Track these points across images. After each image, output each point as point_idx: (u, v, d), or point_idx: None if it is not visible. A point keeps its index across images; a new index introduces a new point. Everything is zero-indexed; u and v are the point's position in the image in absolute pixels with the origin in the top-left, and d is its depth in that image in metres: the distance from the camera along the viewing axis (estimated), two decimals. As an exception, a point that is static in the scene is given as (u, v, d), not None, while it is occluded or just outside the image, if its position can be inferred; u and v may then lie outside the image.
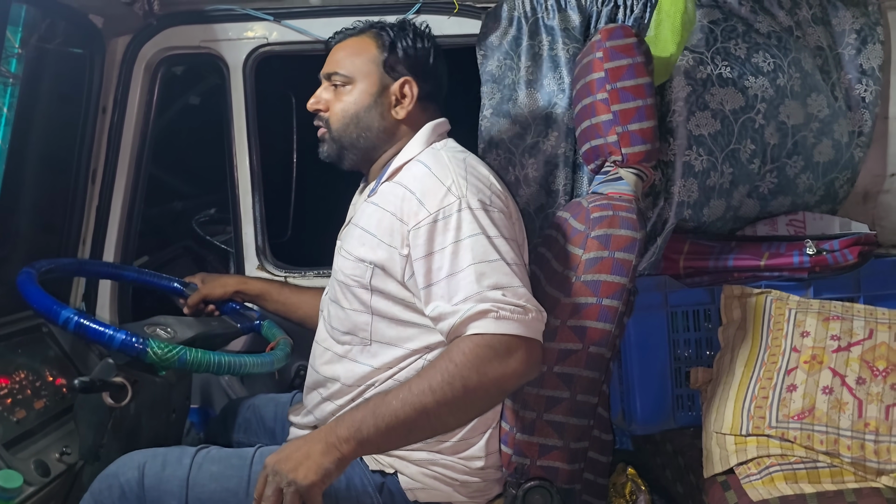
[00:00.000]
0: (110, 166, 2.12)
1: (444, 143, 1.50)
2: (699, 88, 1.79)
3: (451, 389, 1.22)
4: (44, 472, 1.53)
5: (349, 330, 1.45)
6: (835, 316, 1.67)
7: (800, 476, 1.53)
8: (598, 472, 1.58)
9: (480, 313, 1.25)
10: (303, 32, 2.07)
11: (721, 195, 1.85)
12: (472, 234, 1.31)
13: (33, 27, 1.94)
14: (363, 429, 1.23)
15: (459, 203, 1.33)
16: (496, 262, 1.29)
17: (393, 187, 1.41)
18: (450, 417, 1.28)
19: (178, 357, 1.46)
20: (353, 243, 1.44)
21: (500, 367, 1.24)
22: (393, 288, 1.39)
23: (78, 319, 1.42)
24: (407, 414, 1.23)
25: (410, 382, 1.26)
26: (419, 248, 1.33)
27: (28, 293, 1.49)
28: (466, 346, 1.24)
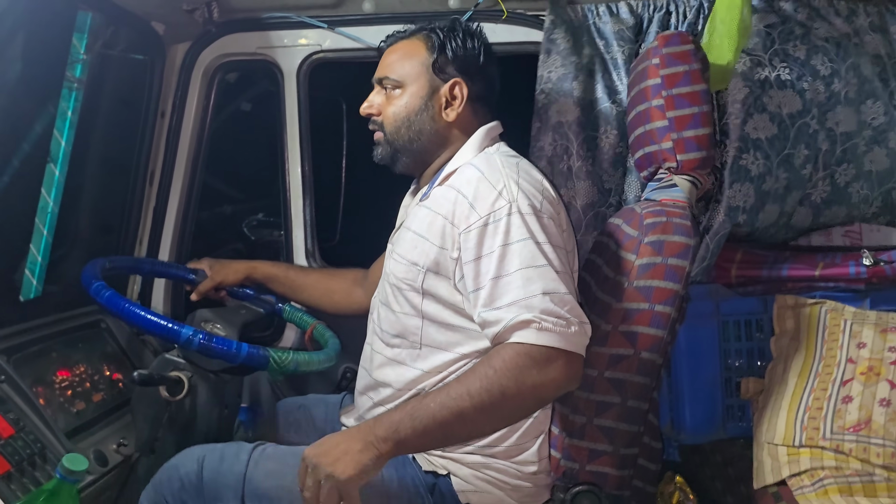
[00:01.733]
0: (167, 169, 2.18)
1: (496, 148, 1.51)
2: (757, 90, 1.77)
3: (489, 395, 1.24)
4: (102, 461, 1.58)
5: (399, 333, 1.46)
6: (893, 327, 1.64)
7: (855, 489, 1.50)
8: (648, 480, 1.57)
9: (523, 323, 1.26)
10: (355, 39, 2.10)
11: (776, 200, 1.82)
12: (520, 238, 1.31)
13: (98, 34, 2.01)
14: (401, 430, 1.25)
15: (510, 207, 1.33)
16: (543, 268, 1.30)
17: (445, 191, 1.42)
18: (486, 423, 1.30)
19: (293, 362, 1.53)
20: (406, 247, 1.45)
21: (538, 376, 1.24)
22: (444, 291, 1.40)
23: (201, 338, 1.47)
24: (444, 417, 1.24)
25: (449, 386, 1.27)
26: (469, 251, 1.34)
27: (142, 321, 1.50)
28: (507, 353, 1.25)
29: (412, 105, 1.50)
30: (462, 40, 1.51)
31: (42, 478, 1.43)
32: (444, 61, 1.50)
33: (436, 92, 1.50)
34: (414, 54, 1.52)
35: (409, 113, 1.50)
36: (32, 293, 1.95)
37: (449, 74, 1.50)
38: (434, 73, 1.50)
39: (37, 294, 1.95)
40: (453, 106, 1.50)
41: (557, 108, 1.91)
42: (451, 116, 1.50)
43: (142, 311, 1.50)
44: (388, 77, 1.53)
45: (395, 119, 1.51)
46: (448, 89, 1.50)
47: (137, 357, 1.95)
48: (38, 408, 1.55)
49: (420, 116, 1.50)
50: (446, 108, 1.50)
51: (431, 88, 1.50)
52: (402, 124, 1.51)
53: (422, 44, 1.52)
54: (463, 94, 1.50)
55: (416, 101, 1.50)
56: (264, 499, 1.38)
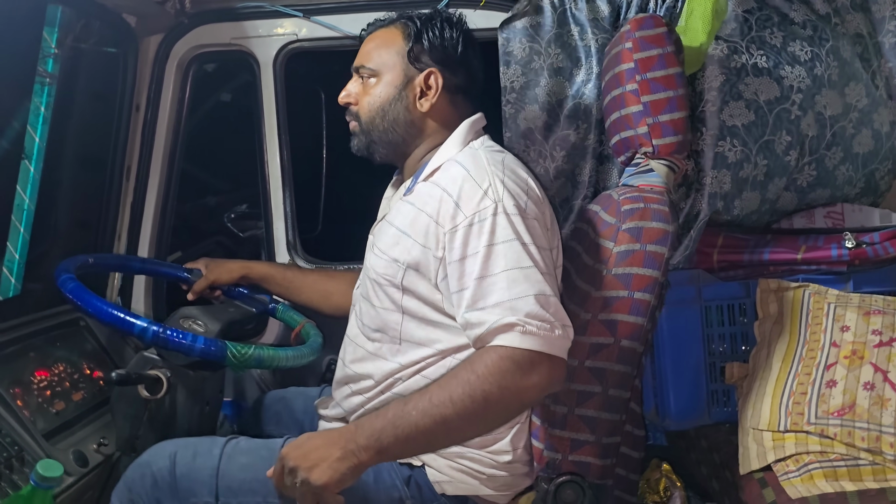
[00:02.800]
0: (144, 163, 2.15)
1: (481, 142, 1.48)
2: (733, 78, 1.75)
3: (472, 401, 1.23)
4: (82, 462, 1.57)
5: (379, 328, 1.45)
6: (876, 310, 1.63)
7: (840, 474, 1.49)
8: (631, 468, 1.57)
9: (507, 326, 1.25)
10: (332, 28, 2.07)
11: (755, 187, 1.80)
12: (506, 239, 1.30)
13: (69, 27, 1.98)
14: (382, 439, 1.24)
15: (496, 207, 1.32)
16: (529, 269, 1.29)
17: (430, 188, 1.40)
18: (469, 429, 1.30)
19: (254, 357, 1.50)
20: (388, 242, 1.44)
21: (521, 380, 1.24)
22: (424, 289, 1.39)
23: (156, 330, 1.44)
24: (427, 425, 1.24)
25: (431, 392, 1.26)
26: (454, 251, 1.33)
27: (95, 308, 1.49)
28: (490, 357, 1.24)
29: (386, 94, 1.48)
30: (440, 29, 1.49)
31: (20, 481, 1.42)
32: (420, 50, 1.48)
33: (410, 81, 1.48)
34: (391, 43, 1.50)
35: (383, 102, 1.49)
36: (11, 292, 1.93)
37: (425, 64, 1.48)
38: (409, 63, 1.48)
39: (15, 293, 1.94)
40: (428, 96, 1.48)
41: (524, 115, 1.88)
42: (424, 107, 1.48)
43: (100, 302, 1.49)
44: (364, 66, 1.51)
45: (370, 109, 1.50)
46: (423, 79, 1.48)
47: (118, 355, 1.94)
48: (15, 409, 1.54)
49: (394, 106, 1.48)
50: (420, 99, 1.48)
51: (406, 78, 1.48)
52: (377, 114, 1.49)
53: (399, 32, 1.50)
54: (438, 85, 1.48)
55: (391, 90, 1.48)
56: (239, 493, 1.38)
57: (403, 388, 1.42)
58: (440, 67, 1.48)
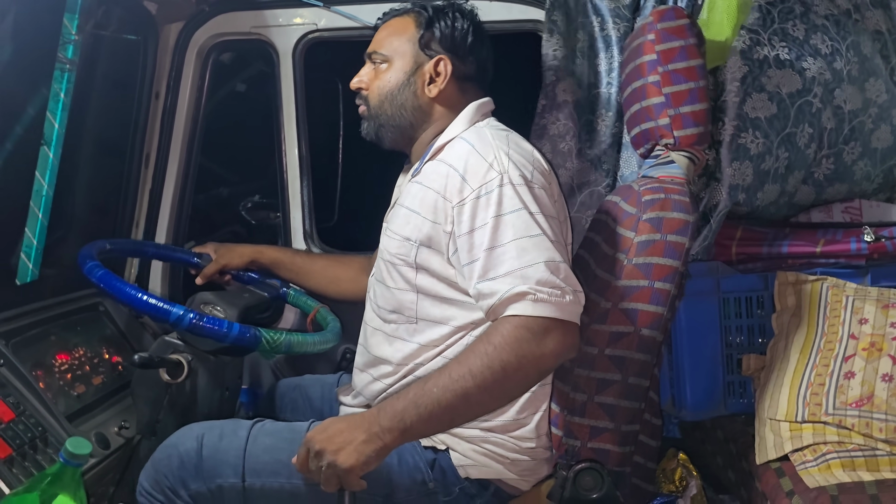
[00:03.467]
0: (163, 150, 2.16)
1: (487, 122, 1.51)
2: (756, 70, 1.75)
3: (491, 372, 1.24)
4: (104, 444, 1.58)
5: (395, 308, 1.47)
6: (894, 303, 1.63)
7: (857, 464, 1.50)
8: (648, 456, 1.57)
9: (518, 295, 1.26)
10: (351, 18, 2.08)
11: (776, 180, 1.81)
12: (513, 209, 1.32)
13: (89, 14, 1.97)
14: (406, 418, 1.25)
15: (501, 178, 1.33)
16: (538, 238, 1.30)
17: (436, 165, 1.43)
18: (490, 400, 1.31)
19: (285, 342, 1.52)
20: (399, 222, 1.46)
21: (537, 348, 1.25)
22: (437, 265, 1.41)
23: (192, 317, 1.46)
24: (448, 401, 1.25)
25: (450, 368, 1.27)
26: (462, 224, 1.34)
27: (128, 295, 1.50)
28: (504, 328, 1.26)
29: (396, 80, 1.51)
30: (451, 19, 1.52)
31: (44, 461, 1.43)
32: (430, 38, 1.51)
33: (420, 68, 1.51)
34: (403, 30, 1.53)
35: (392, 87, 1.51)
36: (29, 277, 1.93)
37: (434, 51, 1.51)
38: (420, 49, 1.51)
39: (33, 278, 1.93)
40: (436, 83, 1.51)
41: (563, 86, 1.90)
42: (433, 92, 1.51)
43: (134, 290, 1.50)
44: (376, 52, 1.54)
45: (380, 93, 1.52)
46: (432, 66, 1.50)
47: (137, 340, 1.94)
48: (39, 391, 1.54)
49: (403, 91, 1.51)
50: (429, 84, 1.51)
51: (416, 64, 1.51)
52: (386, 98, 1.52)
53: (412, 20, 1.54)
54: (447, 72, 1.50)
55: (400, 75, 1.51)
56: (263, 474, 1.38)
57: (424, 371, 1.43)
58: (450, 55, 1.51)
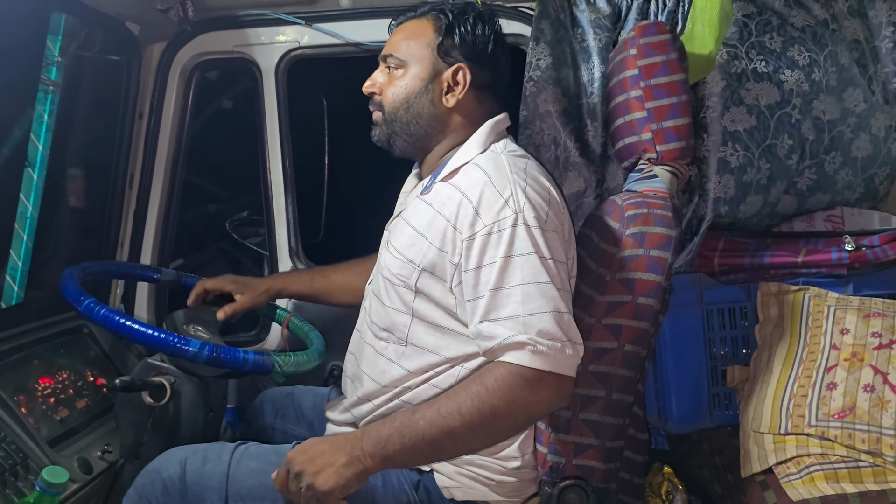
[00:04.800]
0: (147, 170, 2.16)
1: (503, 145, 1.45)
2: (734, 83, 1.77)
3: (480, 414, 1.24)
4: (86, 469, 1.57)
5: (387, 327, 1.44)
6: (875, 313, 1.64)
7: (841, 476, 1.51)
8: (634, 472, 1.57)
9: (518, 344, 1.25)
10: (334, 35, 2.09)
11: (758, 191, 1.82)
12: (524, 252, 1.29)
13: (72, 36, 1.99)
14: (389, 446, 1.25)
15: (516, 218, 1.30)
16: (545, 285, 1.28)
17: (449, 190, 1.38)
18: (475, 441, 1.30)
19: (293, 362, 1.59)
20: (403, 242, 1.41)
21: (529, 396, 1.25)
22: (438, 293, 1.38)
23: (211, 350, 1.48)
24: (434, 435, 1.25)
25: (439, 403, 1.27)
26: (471, 259, 1.31)
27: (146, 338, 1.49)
28: (500, 371, 1.25)
29: (412, 87, 1.45)
30: (472, 25, 1.46)
31: (25, 488, 1.43)
32: (451, 45, 1.45)
33: (438, 76, 1.45)
34: (420, 35, 1.47)
35: (408, 94, 1.45)
36: (14, 299, 1.93)
37: (454, 59, 1.45)
38: (438, 56, 1.45)
39: (18, 300, 1.93)
40: (454, 92, 1.45)
41: (545, 97, 1.90)
42: (451, 102, 1.45)
43: (145, 327, 1.49)
44: (392, 55, 1.48)
45: (395, 100, 1.46)
46: (451, 74, 1.44)
47: (121, 362, 1.94)
48: (20, 417, 1.54)
49: (419, 99, 1.45)
50: (447, 94, 1.45)
51: (434, 71, 1.45)
52: (401, 106, 1.46)
53: (430, 25, 1.47)
54: (466, 81, 1.44)
55: (417, 83, 1.45)
56: (248, 498, 1.37)
57: (412, 396, 1.41)
58: (469, 63, 1.45)
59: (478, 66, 1.46)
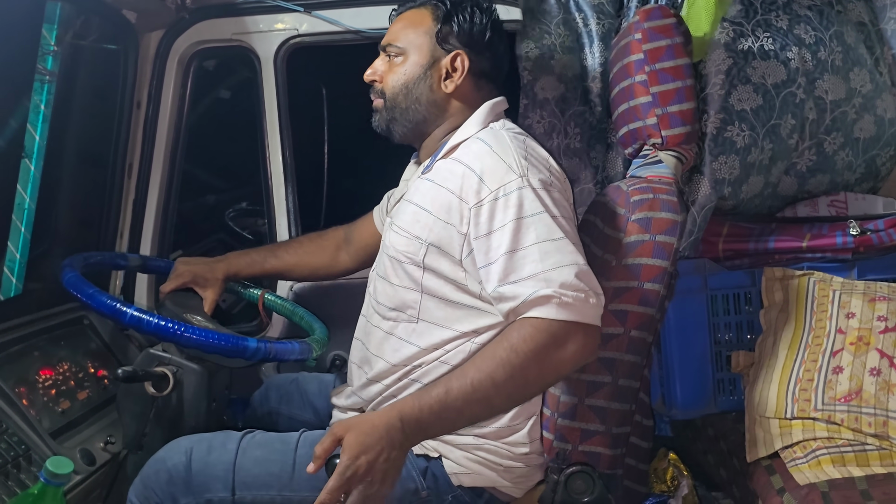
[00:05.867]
0: (146, 160, 2.13)
1: (502, 124, 1.49)
2: (740, 61, 1.74)
3: (513, 381, 1.25)
4: (89, 460, 1.56)
5: (396, 306, 1.44)
6: (881, 297, 1.64)
7: (847, 459, 1.51)
8: (640, 458, 1.57)
9: (543, 298, 1.25)
10: (333, 22, 2.06)
11: (760, 171, 1.81)
12: (534, 212, 1.30)
13: (68, 24, 1.96)
14: (430, 432, 1.27)
15: (521, 181, 1.32)
16: (561, 241, 1.29)
17: (452, 164, 1.40)
18: (509, 405, 1.34)
19: (321, 345, 1.64)
20: (407, 220, 1.43)
21: (559, 353, 1.25)
22: (446, 267, 1.39)
23: (266, 347, 1.47)
24: (472, 411, 1.26)
25: (470, 377, 1.25)
26: (481, 226, 1.33)
27: (204, 343, 1.45)
28: (526, 331, 1.25)
29: (411, 73, 1.49)
30: (470, 13, 1.50)
31: (28, 480, 1.41)
32: (448, 32, 1.49)
33: (437, 62, 1.49)
34: (419, 23, 1.51)
35: (407, 80, 1.49)
36: (13, 291, 1.92)
37: (452, 46, 1.49)
38: (437, 43, 1.49)
39: (17, 292, 1.92)
40: (453, 78, 1.49)
41: (542, 84, 1.88)
42: (449, 88, 1.49)
43: (202, 333, 1.45)
44: (391, 44, 1.52)
45: (394, 86, 1.50)
46: (449, 61, 1.48)
47: (122, 353, 1.92)
48: (22, 409, 1.52)
49: (418, 85, 1.49)
50: (446, 80, 1.49)
51: (433, 58, 1.49)
52: (401, 92, 1.50)
53: (429, 13, 1.51)
54: (464, 67, 1.48)
55: (416, 69, 1.49)
56: (254, 487, 1.37)
57: (422, 373, 1.41)
58: (467, 50, 1.49)
59: (476, 53, 1.50)
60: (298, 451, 1.40)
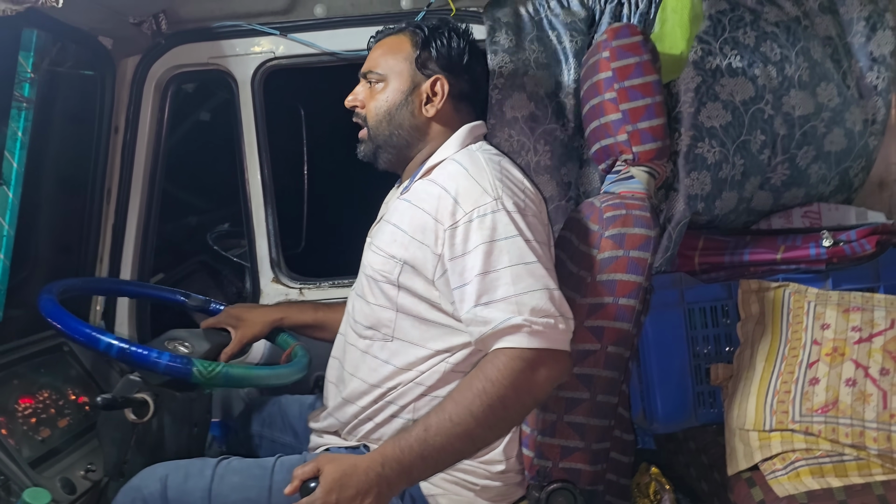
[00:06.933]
0: (124, 185, 2.14)
1: (479, 145, 1.51)
2: (709, 79, 1.77)
3: (492, 410, 1.26)
4: (70, 489, 1.55)
5: (372, 325, 1.46)
6: (855, 307, 1.65)
7: (826, 470, 1.51)
8: (621, 473, 1.57)
9: (514, 327, 1.27)
10: (309, 45, 2.08)
11: (733, 187, 1.83)
12: (508, 235, 1.32)
13: (44, 51, 1.96)
14: (413, 474, 1.27)
15: (495, 203, 1.34)
16: (533, 265, 1.31)
17: (428, 185, 1.42)
18: (492, 436, 1.34)
19: (222, 375, 1.48)
20: (385, 239, 1.45)
21: (533, 378, 1.27)
22: (420, 286, 1.40)
23: (120, 345, 1.45)
24: (453, 446, 1.27)
25: (448, 412, 1.26)
26: (455, 247, 1.34)
27: (62, 321, 1.50)
28: (500, 360, 1.27)
29: (393, 99, 1.51)
30: (447, 38, 1.53)
31: (6, 510, 1.40)
32: (427, 57, 1.52)
33: (417, 87, 1.51)
34: (398, 49, 1.54)
35: (389, 107, 1.52)
36: (-8, 319, 1.91)
37: (431, 71, 1.52)
38: (416, 69, 1.52)
39: (-3, 320, 1.91)
40: (433, 102, 1.51)
41: (511, 103, 1.89)
42: (430, 112, 1.51)
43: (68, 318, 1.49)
44: (372, 71, 1.54)
45: (377, 113, 1.52)
46: (430, 85, 1.51)
47: (104, 379, 1.92)
48: (0, 438, 1.51)
49: (400, 111, 1.51)
50: (426, 104, 1.51)
51: (413, 84, 1.51)
52: (384, 118, 1.52)
53: (407, 39, 1.54)
54: (444, 91, 1.51)
55: (397, 95, 1.51)
56: None
57: (398, 395, 1.42)
58: (446, 74, 1.51)
59: (454, 77, 1.53)
60: (275, 476, 1.40)
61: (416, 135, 1.52)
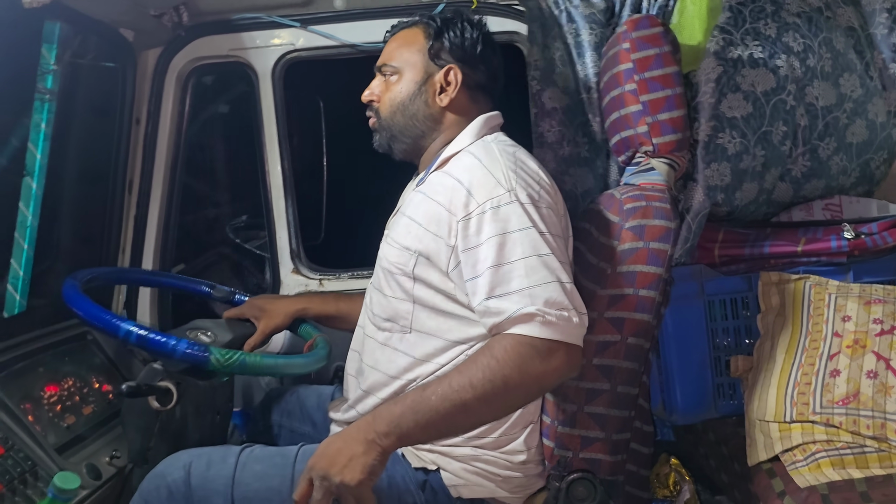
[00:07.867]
0: (146, 176, 2.16)
1: (494, 136, 1.51)
2: (730, 69, 1.75)
3: (492, 386, 1.24)
4: (95, 475, 1.57)
5: (390, 317, 1.47)
6: (876, 299, 1.65)
7: (847, 461, 1.51)
8: (641, 464, 1.58)
9: (527, 316, 1.26)
10: (328, 37, 2.09)
11: (753, 178, 1.82)
12: (521, 227, 1.32)
13: (67, 44, 1.98)
14: (402, 424, 1.25)
15: (509, 195, 1.34)
16: (547, 257, 1.30)
17: (442, 177, 1.43)
18: (488, 412, 1.31)
19: (238, 362, 1.49)
20: (400, 231, 1.46)
21: (540, 366, 1.25)
22: (435, 278, 1.40)
23: (139, 332, 1.46)
24: (447, 410, 1.25)
25: (450, 378, 1.27)
26: (468, 239, 1.34)
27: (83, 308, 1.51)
28: (509, 343, 1.26)
29: (407, 90, 1.53)
30: (460, 29, 1.54)
31: (34, 496, 1.42)
32: (440, 48, 1.53)
33: (430, 77, 1.52)
34: (412, 42, 1.55)
35: (403, 98, 1.53)
36: (16, 308, 1.93)
37: (445, 61, 1.53)
38: (430, 60, 1.53)
39: (21, 309, 1.93)
40: (447, 91, 1.52)
41: (549, 94, 1.89)
42: (444, 102, 1.52)
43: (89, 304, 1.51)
44: (386, 64, 1.56)
45: (392, 105, 1.54)
46: (443, 75, 1.52)
47: (126, 367, 1.94)
48: (27, 425, 1.54)
49: (414, 101, 1.52)
50: (440, 94, 1.52)
51: (426, 74, 1.53)
52: (398, 109, 1.53)
53: (420, 31, 1.55)
54: (457, 81, 1.51)
55: (412, 86, 1.52)
56: (254, 501, 1.38)
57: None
58: (460, 64, 1.52)
59: (468, 67, 1.53)
60: (297, 465, 1.41)
61: (430, 124, 1.53)
